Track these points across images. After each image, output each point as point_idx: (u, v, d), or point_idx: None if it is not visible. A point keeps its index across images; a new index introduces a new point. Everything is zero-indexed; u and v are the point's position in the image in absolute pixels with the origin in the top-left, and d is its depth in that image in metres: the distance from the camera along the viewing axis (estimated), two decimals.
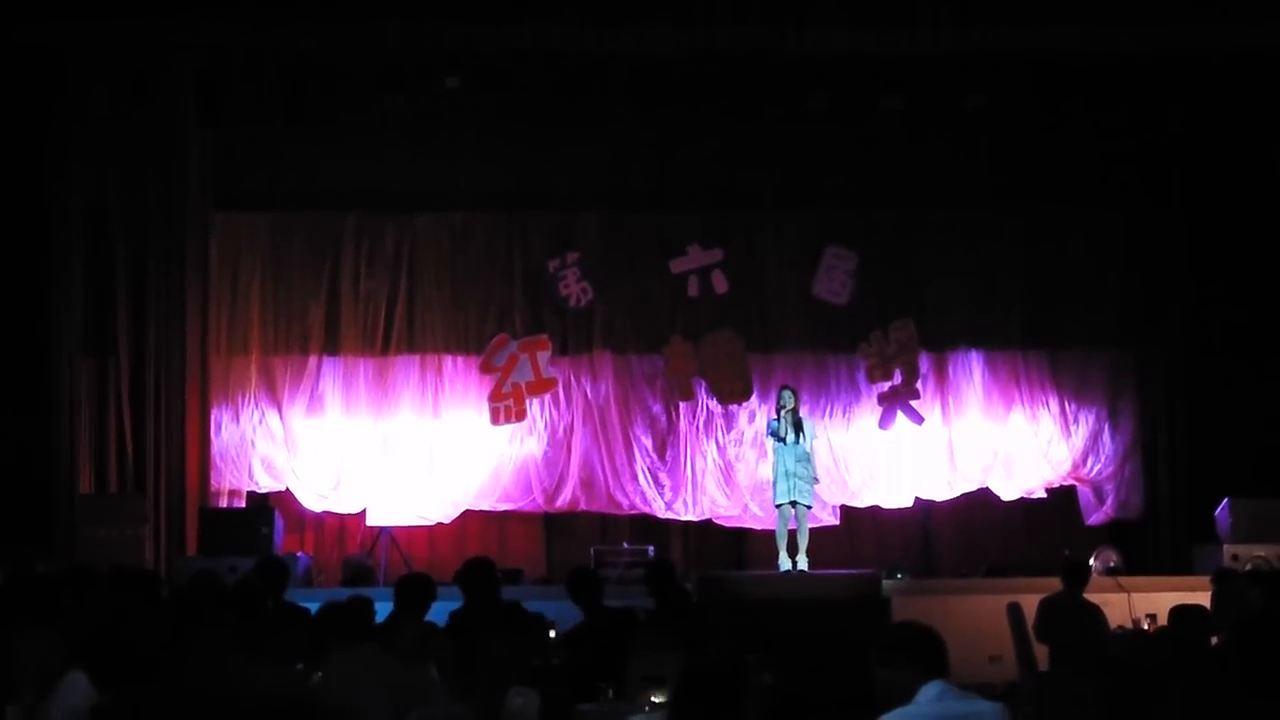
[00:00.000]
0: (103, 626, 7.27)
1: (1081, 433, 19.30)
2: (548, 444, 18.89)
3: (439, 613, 10.60)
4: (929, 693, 5.98)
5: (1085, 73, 17.49)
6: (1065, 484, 19.35)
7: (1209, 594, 13.42)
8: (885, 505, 19.08)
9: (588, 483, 18.80)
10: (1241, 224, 18.15)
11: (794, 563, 16.70)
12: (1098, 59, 17.01)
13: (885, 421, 19.18)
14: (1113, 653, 12.64)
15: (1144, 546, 18.84)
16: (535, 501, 18.80)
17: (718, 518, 18.92)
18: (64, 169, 16.99)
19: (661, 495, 18.84)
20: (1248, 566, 14.60)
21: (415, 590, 10.69)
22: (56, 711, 7.28)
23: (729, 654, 6.41)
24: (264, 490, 18.65)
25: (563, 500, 18.75)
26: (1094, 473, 19.25)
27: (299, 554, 17.10)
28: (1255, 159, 17.67)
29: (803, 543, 16.74)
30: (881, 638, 6.19)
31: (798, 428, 16.73)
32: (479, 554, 12.49)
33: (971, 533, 19.22)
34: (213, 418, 18.07)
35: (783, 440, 16.74)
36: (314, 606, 11.84)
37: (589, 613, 11.17)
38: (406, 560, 17.82)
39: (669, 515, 18.86)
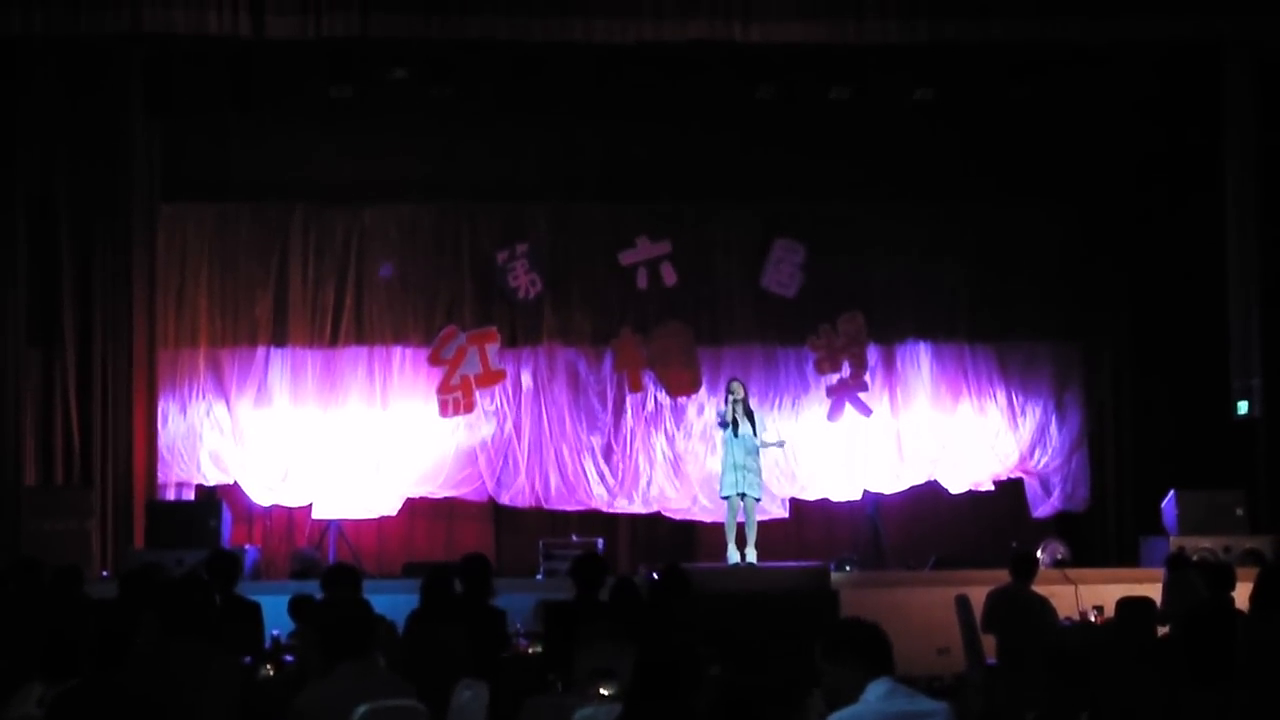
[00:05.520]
0: (49, 621, 7.23)
1: (1028, 425, 19.39)
2: (496, 436, 18.86)
3: (383, 605, 10.61)
4: (876, 690, 5.93)
5: (1032, 66, 17.52)
6: (1013, 476, 19.43)
7: (1156, 585, 13.54)
8: (834, 497, 19.12)
9: (535, 475, 18.79)
10: (1187, 215, 18.22)
11: (742, 555, 16.68)
12: (1045, 51, 17.05)
13: (834, 413, 19.23)
14: (1060, 644, 12.68)
15: (1091, 539, 18.96)
16: (482, 490, 18.76)
17: (667, 510, 18.93)
18: (8, 156, 16.87)
19: (609, 488, 18.84)
20: (1194, 558, 14.65)
21: (342, 580, 10.76)
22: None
23: (684, 647, 6.38)
24: (212, 483, 18.57)
25: (509, 493, 18.73)
26: (1041, 465, 19.34)
27: (247, 547, 17.08)
28: (1203, 150, 17.72)
29: (751, 535, 16.72)
30: (826, 634, 6.16)
31: (749, 418, 16.71)
32: (431, 548, 12.55)
33: (920, 525, 19.26)
34: (160, 410, 18.00)
35: (725, 427, 16.68)
36: (263, 600, 11.86)
37: (582, 597, 11.19)
38: (355, 553, 17.78)
39: (616, 509, 18.86)
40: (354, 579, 10.86)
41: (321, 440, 18.65)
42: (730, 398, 16.80)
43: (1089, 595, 14.77)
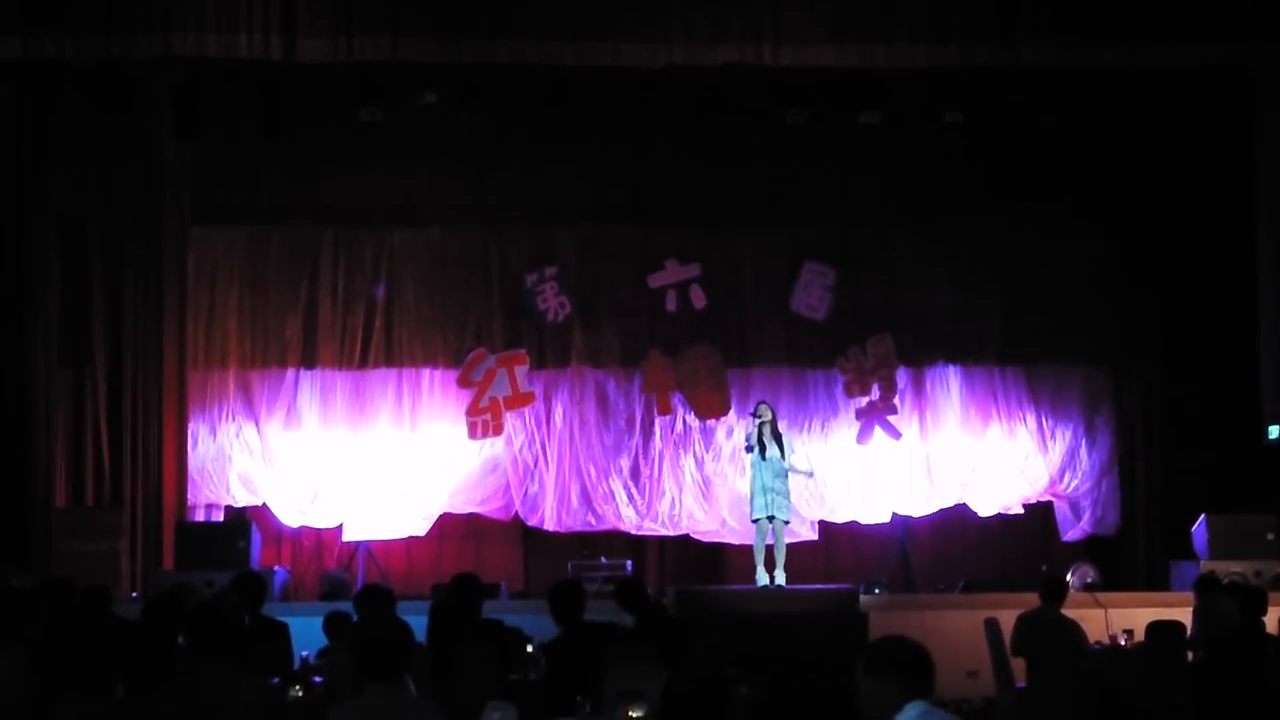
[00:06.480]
0: (80, 642, 7.24)
1: (1059, 448, 19.28)
2: (524, 458, 18.84)
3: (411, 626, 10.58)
4: (909, 714, 5.90)
5: (1063, 90, 17.52)
6: (1042, 500, 19.33)
7: (1186, 609, 13.49)
8: (863, 520, 19.04)
9: (564, 498, 18.76)
10: (1218, 239, 18.18)
11: (771, 578, 16.67)
12: (1076, 75, 17.04)
13: (863, 436, 19.17)
14: (1090, 668, 12.65)
15: (1121, 562, 18.86)
16: (510, 510, 18.75)
17: (695, 533, 18.88)
18: (40, 179, 16.97)
19: (637, 510, 18.79)
20: (1225, 582, 14.60)
21: (376, 601, 10.71)
22: None
23: (712, 668, 6.37)
24: (241, 505, 18.58)
25: (538, 516, 18.70)
26: (1071, 488, 19.23)
27: (276, 568, 17.10)
28: (1236, 174, 17.68)
29: (780, 558, 16.71)
30: (870, 648, 6.13)
31: (777, 441, 16.69)
32: (459, 569, 12.45)
33: (949, 548, 19.18)
34: (190, 431, 18.05)
35: (751, 450, 16.69)
36: (292, 621, 11.87)
37: (568, 627, 11.06)
38: (384, 575, 17.79)
39: (645, 531, 18.83)
40: (386, 599, 10.82)
41: (351, 462, 18.65)
42: (757, 420, 16.79)
43: (1119, 619, 14.75)
